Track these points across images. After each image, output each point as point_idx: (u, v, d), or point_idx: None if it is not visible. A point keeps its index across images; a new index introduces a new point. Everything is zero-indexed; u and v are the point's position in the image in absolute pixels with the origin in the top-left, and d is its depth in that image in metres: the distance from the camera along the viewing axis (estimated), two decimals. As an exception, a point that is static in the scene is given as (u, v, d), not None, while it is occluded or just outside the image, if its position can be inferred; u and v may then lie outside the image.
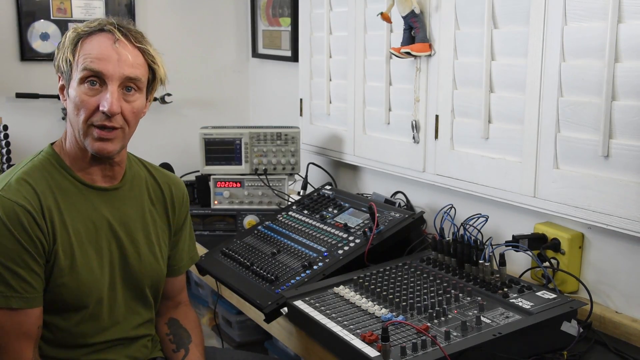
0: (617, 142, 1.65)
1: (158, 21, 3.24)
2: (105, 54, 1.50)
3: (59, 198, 1.53)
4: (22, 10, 2.96)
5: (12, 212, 1.44)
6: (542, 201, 1.84)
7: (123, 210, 1.64)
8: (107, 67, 1.50)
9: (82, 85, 1.50)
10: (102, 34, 1.53)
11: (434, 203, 2.28)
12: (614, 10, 1.61)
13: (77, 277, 1.52)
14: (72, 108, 1.53)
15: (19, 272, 1.44)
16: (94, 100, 1.50)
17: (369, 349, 1.37)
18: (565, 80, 1.75)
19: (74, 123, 1.53)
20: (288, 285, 1.82)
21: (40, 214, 1.47)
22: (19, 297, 1.45)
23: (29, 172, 1.53)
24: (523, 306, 1.52)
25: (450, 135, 2.13)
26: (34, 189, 1.49)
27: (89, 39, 1.53)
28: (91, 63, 1.49)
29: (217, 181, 2.57)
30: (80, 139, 1.53)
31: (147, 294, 1.69)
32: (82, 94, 1.50)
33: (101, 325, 1.59)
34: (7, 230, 1.43)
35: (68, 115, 1.56)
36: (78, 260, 1.53)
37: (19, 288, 1.44)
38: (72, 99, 1.52)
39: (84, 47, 1.52)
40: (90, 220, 1.57)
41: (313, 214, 2.21)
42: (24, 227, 1.44)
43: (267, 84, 3.39)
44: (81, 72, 1.50)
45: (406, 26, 2.17)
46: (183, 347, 1.74)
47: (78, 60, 1.51)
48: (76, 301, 1.53)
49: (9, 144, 2.87)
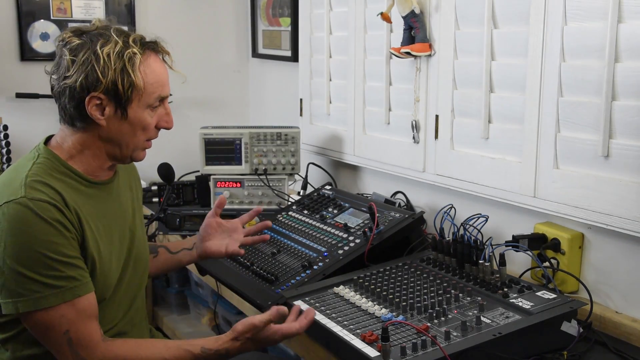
0: (617, 142, 1.65)
1: (158, 21, 3.24)
2: (166, 78, 1.59)
3: (75, 196, 1.53)
4: (22, 10, 2.96)
5: (46, 210, 1.44)
6: (542, 201, 1.84)
7: (120, 200, 1.68)
8: (168, 91, 1.60)
9: (149, 109, 1.56)
10: (153, 54, 1.57)
11: (434, 203, 2.28)
12: (614, 10, 1.61)
13: (102, 270, 1.55)
14: (127, 129, 1.55)
15: (73, 262, 1.46)
16: (154, 121, 1.59)
17: (369, 349, 1.38)
18: (565, 80, 1.75)
19: (125, 142, 1.57)
20: (288, 285, 1.82)
21: (68, 209, 1.48)
22: (81, 285, 1.47)
23: (39, 174, 1.50)
24: (523, 306, 1.52)
25: (450, 135, 2.13)
26: (53, 187, 1.49)
27: (147, 64, 1.54)
28: (163, 91, 1.56)
29: (217, 181, 2.57)
30: (130, 155, 1.60)
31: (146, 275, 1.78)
32: (148, 118, 1.56)
33: (114, 313, 1.64)
34: (49, 226, 1.43)
35: (110, 133, 1.55)
36: (103, 254, 1.56)
37: (78, 276, 1.46)
38: (133, 122, 1.54)
39: (148, 74, 1.53)
40: (101, 214, 1.59)
41: (313, 214, 2.21)
42: (60, 221, 1.45)
43: (267, 84, 3.39)
44: (154, 100, 1.55)
45: (406, 26, 2.17)
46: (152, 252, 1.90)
47: (145, 85, 1.52)
48: (100, 294, 1.55)
49: (9, 144, 2.87)
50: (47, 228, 1.43)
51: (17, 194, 1.44)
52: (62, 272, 1.44)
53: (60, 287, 1.43)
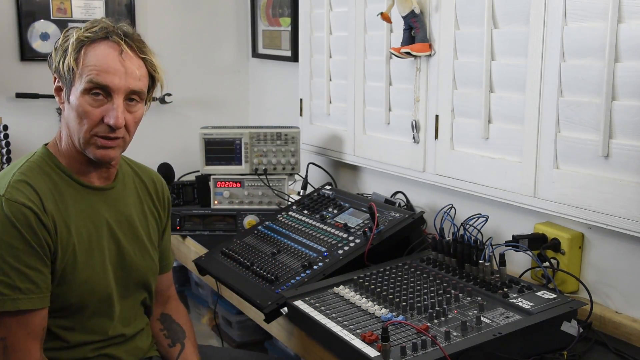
0: (617, 142, 1.65)
1: (158, 21, 3.24)
2: (112, 66, 1.48)
3: (58, 199, 1.52)
4: (22, 10, 2.96)
5: (19, 213, 1.43)
6: (542, 201, 1.84)
7: (118, 209, 1.65)
8: (113, 81, 1.48)
9: (86, 96, 1.49)
10: (106, 42, 1.51)
11: (434, 203, 2.28)
12: (614, 10, 1.61)
13: (80, 276, 1.52)
14: (73, 116, 1.51)
15: (27, 273, 1.43)
16: (98, 112, 1.49)
17: (369, 349, 1.37)
18: (565, 80, 1.75)
19: (75, 131, 1.52)
20: (288, 285, 1.82)
21: (45, 214, 1.47)
22: (26, 299, 1.44)
23: (26, 174, 1.51)
24: (523, 306, 1.52)
25: (450, 135, 2.13)
26: (35, 189, 1.48)
27: (93, 47, 1.50)
28: (97, 76, 1.47)
29: (217, 181, 2.57)
30: (80, 146, 1.52)
31: (144, 290, 1.71)
32: (86, 105, 1.49)
33: (100, 324, 1.60)
34: (16, 230, 1.42)
35: (66, 119, 1.55)
36: (81, 260, 1.53)
37: (25, 290, 1.44)
38: (74, 107, 1.50)
39: (89, 57, 1.49)
40: (90, 219, 1.57)
41: (313, 214, 2.21)
42: (32, 227, 1.43)
43: (267, 84, 3.39)
44: (86, 84, 1.48)
45: (406, 26, 2.17)
46: (178, 341, 1.77)
47: (82, 69, 1.48)
48: (80, 301, 1.54)
49: (9, 144, 2.87)
50: (13, 232, 1.42)
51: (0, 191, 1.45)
52: (11, 281, 1.42)
53: (2, 295, 1.41)
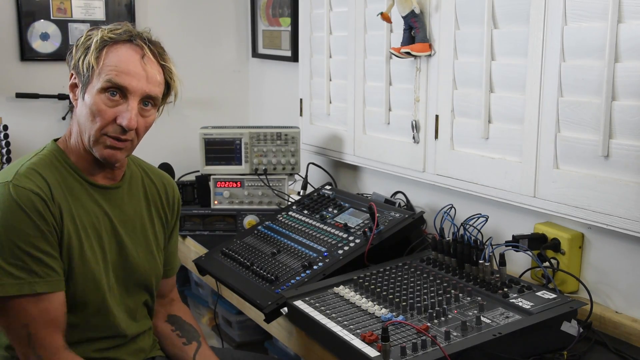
0: (617, 142, 1.65)
1: (158, 21, 3.24)
2: (132, 69, 1.50)
3: (66, 192, 1.53)
4: (22, 10, 2.96)
5: (27, 199, 1.44)
6: (542, 201, 1.84)
7: (123, 209, 1.65)
8: (132, 83, 1.49)
9: (102, 95, 1.49)
10: (129, 45, 1.52)
11: (434, 203, 2.28)
12: (614, 10, 1.61)
13: (82, 271, 1.53)
14: (86, 113, 1.52)
15: (40, 257, 1.44)
16: (111, 112, 1.50)
17: (369, 349, 1.37)
18: (565, 80, 1.75)
19: (86, 128, 1.52)
20: (288, 285, 1.82)
21: (52, 202, 1.47)
22: (43, 282, 1.44)
23: (37, 164, 1.52)
24: (523, 306, 1.52)
25: (450, 135, 2.13)
26: (45, 178, 1.49)
27: (115, 48, 1.51)
28: (117, 77, 1.48)
29: (217, 181, 2.57)
30: (89, 143, 1.53)
31: (145, 292, 1.71)
32: (101, 103, 1.50)
33: (103, 323, 1.59)
34: (26, 216, 1.43)
35: (78, 116, 1.55)
36: (83, 255, 1.53)
37: (41, 273, 1.44)
38: (88, 105, 1.51)
39: (110, 57, 1.50)
40: (94, 215, 1.58)
41: (313, 214, 2.21)
42: (40, 213, 1.44)
43: (267, 84, 3.39)
44: (104, 83, 1.49)
45: (406, 26, 2.17)
46: (195, 339, 1.77)
47: (102, 68, 1.49)
48: (82, 296, 1.54)
49: (9, 144, 2.87)
50: (23, 217, 1.43)
51: (7, 178, 1.46)
52: (26, 265, 1.43)
53: (20, 279, 1.42)
